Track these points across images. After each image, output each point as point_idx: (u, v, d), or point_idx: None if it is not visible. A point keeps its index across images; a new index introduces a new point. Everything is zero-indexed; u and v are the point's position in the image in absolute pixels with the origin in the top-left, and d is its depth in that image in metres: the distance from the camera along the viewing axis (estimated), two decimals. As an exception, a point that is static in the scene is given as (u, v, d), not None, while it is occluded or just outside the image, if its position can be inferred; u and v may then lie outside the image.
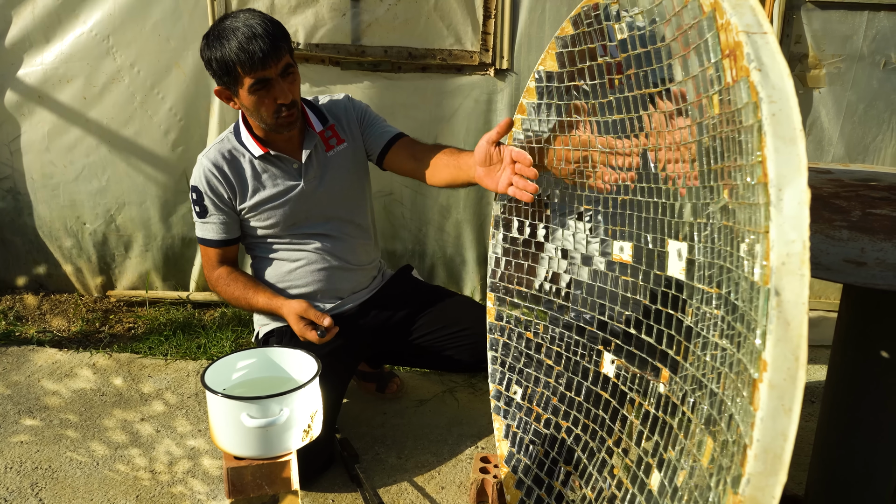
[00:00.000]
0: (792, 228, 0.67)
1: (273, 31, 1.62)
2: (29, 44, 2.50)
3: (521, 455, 1.53)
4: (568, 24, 1.33)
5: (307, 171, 1.84)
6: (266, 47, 1.59)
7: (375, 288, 2.00)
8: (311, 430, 1.26)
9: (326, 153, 1.87)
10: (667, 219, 1.07)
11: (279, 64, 1.63)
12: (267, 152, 1.79)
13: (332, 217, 1.89)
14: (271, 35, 1.61)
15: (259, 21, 1.62)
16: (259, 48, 1.59)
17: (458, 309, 2.00)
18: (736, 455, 0.71)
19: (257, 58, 1.59)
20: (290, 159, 1.83)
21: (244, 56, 1.59)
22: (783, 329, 0.65)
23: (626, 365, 1.22)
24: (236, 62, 1.61)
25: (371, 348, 2.01)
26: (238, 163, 1.81)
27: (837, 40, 2.48)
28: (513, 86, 2.53)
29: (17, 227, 2.75)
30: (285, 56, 1.65)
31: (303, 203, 1.84)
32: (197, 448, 1.94)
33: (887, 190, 1.62)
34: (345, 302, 1.93)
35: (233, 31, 1.61)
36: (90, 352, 2.44)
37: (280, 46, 1.62)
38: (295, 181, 1.83)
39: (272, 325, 1.92)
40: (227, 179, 1.81)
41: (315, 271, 1.89)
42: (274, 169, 1.82)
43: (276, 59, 1.62)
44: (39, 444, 1.94)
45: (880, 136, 2.56)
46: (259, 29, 1.60)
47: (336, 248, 1.90)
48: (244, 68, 1.61)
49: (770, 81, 0.73)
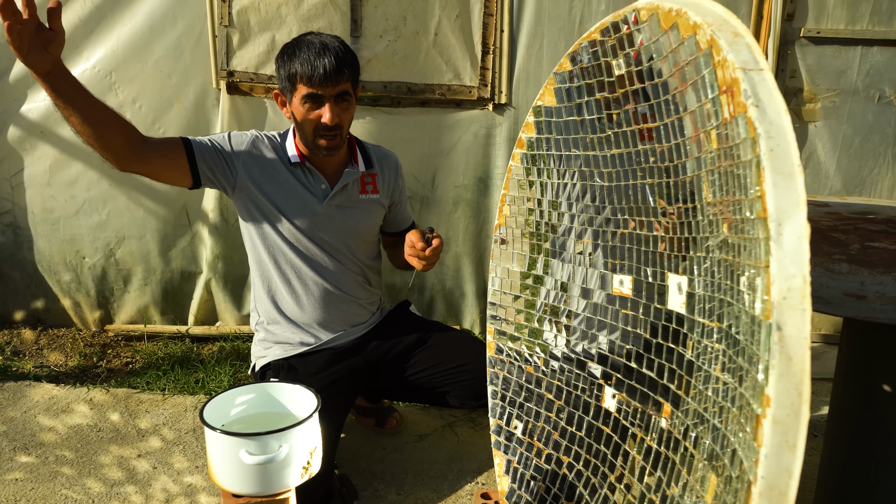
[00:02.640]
0: (792, 263, 0.67)
1: (343, 56, 1.70)
2: (32, 80, 2.52)
3: (522, 491, 1.51)
4: (566, 60, 1.35)
5: (333, 197, 1.85)
6: (329, 67, 1.67)
7: (373, 323, 2.00)
8: (310, 466, 1.24)
9: (360, 194, 1.90)
10: (667, 252, 1.07)
11: (336, 87, 1.70)
12: (303, 161, 1.82)
13: (340, 248, 1.89)
14: (339, 58, 1.69)
15: (335, 43, 1.71)
16: (323, 65, 1.66)
17: (457, 345, 1.99)
18: (740, 492, 0.71)
19: (318, 73, 1.66)
20: (321, 178, 1.85)
21: (307, 68, 1.67)
22: (786, 364, 0.65)
23: (627, 399, 1.21)
24: (298, 71, 1.68)
25: (369, 383, 2.00)
26: (276, 156, 1.84)
27: (832, 75, 2.51)
28: (511, 120, 2.55)
29: (17, 261, 2.75)
30: (345, 83, 1.72)
31: (314, 221, 1.85)
32: (194, 485, 1.92)
33: (885, 223, 1.63)
34: (343, 335, 1.92)
35: (308, 44, 1.70)
36: (87, 387, 2.42)
37: (343, 71, 1.69)
38: (316, 199, 1.84)
39: (269, 358, 1.90)
40: (258, 156, 1.82)
41: (315, 296, 1.89)
42: (304, 179, 1.84)
43: (336, 81, 1.68)
44: (34, 482, 1.91)
45: (876, 169, 2.58)
46: (331, 49, 1.69)
47: (337, 278, 1.90)
48: (303, 79, 1.68)
49: (767, 117, 0.74)
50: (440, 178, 2.63)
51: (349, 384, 1.89)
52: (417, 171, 2.62)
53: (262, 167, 1.82)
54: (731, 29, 0.86)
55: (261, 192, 1.81)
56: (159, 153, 1.72)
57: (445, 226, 2.68)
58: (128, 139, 1.64)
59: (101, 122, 1.57)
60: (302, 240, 1.85)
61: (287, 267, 1.88)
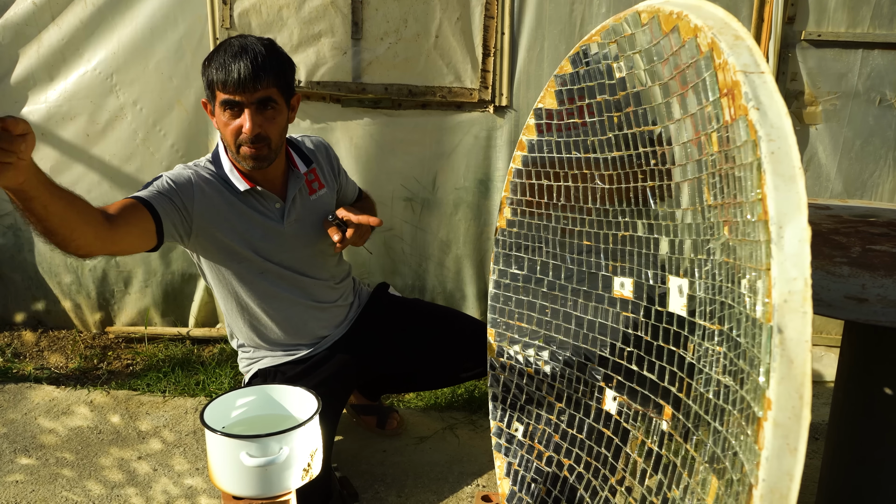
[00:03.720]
0: (793, 266, 0.67)
1: (263, 60, 1.57)
2: (33, 82, 2.52)
3: (523, 493, 1.51)
4: (567, 63, 1.35)
5: (290, 213, 1.77)
6: (245, 73, 1.54)
7: (354, 317, 1.97)
8: (310, 468, 1.24)
9: (310, 196, 1.82)
10: (667, 255, 1.07)
11: (254, 94, 1.57)
12: (253, 187, 1.70)
13: (307, 259, 1.83)
14: (258, 63, 1.56)
15: (257, 47, 1.58)
16: (238, 70, 1.54)
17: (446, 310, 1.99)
18: (741, 494, 0.71)
19: (231, 79, 1.55)
20: (274, 197, 1.75)
21: (221, 73, 1.56)
22: (787, 367, 0.65)
23: (628, 402, 1.21)
24: (213, 77, 1.58)
25: (361, 376, 1.98)
26: (223, 190, 1.71)
27: (833, 78, 2.51)
28: (512, 122, 2.55)
29: (17, 263, 2.75)
30: (266, 89, 1.58)
31: (279, 244, 1.77)
32: (195, 487, 1.92)
33: (886, 226, 1.63)
34: (329, 338, 1.91)
35: (227, 46, 1.59)
36: (88, 389, 2.42)
37: (260, 76, 1.56)
38: (275, 222, 1.75)
39: (256, 367, 1.88)
40: (209, 197, 1.68)
41: (296, 317, 1.84)
42: (257, 205, 1.74)
43: (252, 87, 1.56)
44: (35, 484, 1.91)
45: (878, 172, 2.58)
46: (250, 53, 1.56)
47: (313, 292, 1.85)
48: (218, 84, 1.57)
49: (768, 120, 0.74)
50: (441, 181, 2.63)
51: (340, 382, 1.87)
52: (418, 174, 2.62)
53: (215, 207, 1.68)
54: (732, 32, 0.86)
55: (221, 232, 1.70)
56: (126, 227, 1.49)
57: (446, 228, 2.68)
58: (95, 227, 1.39)
59: (76, 220, 1.32)
60: (272, 269, 1.77)
61: (264, 299, 1.80)
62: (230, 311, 1.85)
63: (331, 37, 2.46)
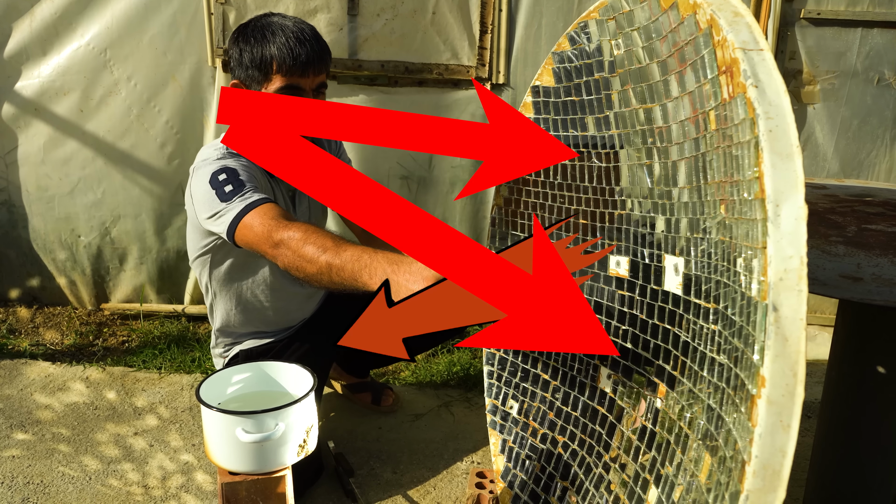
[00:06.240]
0: (789, 244, 0.67)
1: (322, 45, 1.54)
2: (26, 56, 2.50)
3: (518, 470, 1.52)
4: (564, 40, 1.34)
5: (300, 202, 1.75)
6: (313, 55, 1.50)
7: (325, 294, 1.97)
8: (306, 444, 1.25)
9: None
10: (663, 233, 1.07)
11: (317, 78, 1.54)
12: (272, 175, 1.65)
13: None
14: (321, 46, 1.53)
15: (310, 28, 1.54)
16: (306, 53, 1.49)
17: None
18: (734, 471, 0.71)
19: (300, 61, 1.49)
20: (288, 185, 1.71)
21: (288, 56, 1.48)
22: (781, 345, 0.65)
23: (622, 380, 1.21)
24: (275, 58, 1.49)
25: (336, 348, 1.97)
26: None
27: (831, 57, 2.50)
28: (509, 100, 2.54)
29: (11, 239, 2.74)
30: (324, 74, 1.56)
31: None
32: (190, 463, 1.93)
33: (882, 206, 1.63)
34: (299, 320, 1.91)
35: (281, 28, 1.50)
36: (83, 365, 2.42)
37: (326, 60, 1.54)
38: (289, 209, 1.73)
39: (232, 351, 1.86)
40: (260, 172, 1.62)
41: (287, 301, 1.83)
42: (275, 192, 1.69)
43: (317, 71, 1.53)
44: (31, 459, 1.92)
45: (874, 152, 2.58)
46: (310, 34, 1.52)
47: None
48: (281, 68, 1.50)
49: (767, 98, 0.73)
50: (437, 159, 2.63)
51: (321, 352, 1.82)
52: (414, 152, 2.61)
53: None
54: (732, 8, 0.85)
55: None
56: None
57: (442, 206, 2.68)
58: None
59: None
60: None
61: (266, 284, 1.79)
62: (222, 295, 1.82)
63: (327, 13, 2.43)
